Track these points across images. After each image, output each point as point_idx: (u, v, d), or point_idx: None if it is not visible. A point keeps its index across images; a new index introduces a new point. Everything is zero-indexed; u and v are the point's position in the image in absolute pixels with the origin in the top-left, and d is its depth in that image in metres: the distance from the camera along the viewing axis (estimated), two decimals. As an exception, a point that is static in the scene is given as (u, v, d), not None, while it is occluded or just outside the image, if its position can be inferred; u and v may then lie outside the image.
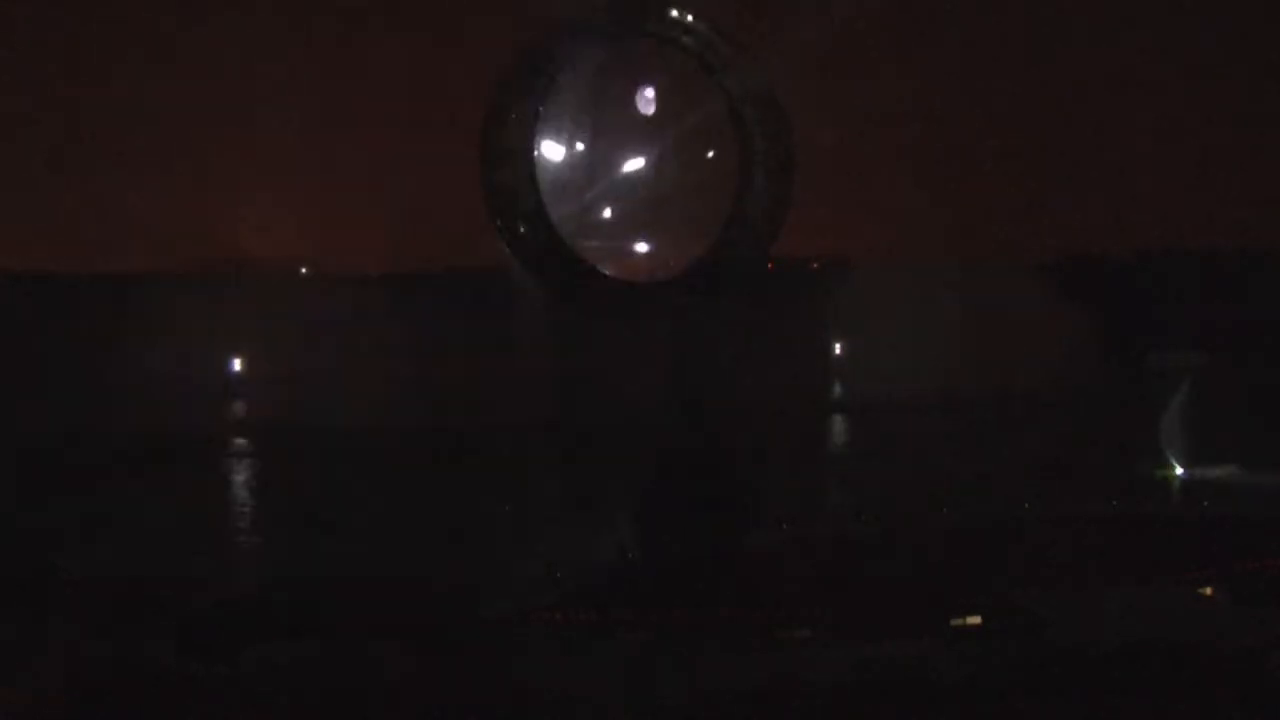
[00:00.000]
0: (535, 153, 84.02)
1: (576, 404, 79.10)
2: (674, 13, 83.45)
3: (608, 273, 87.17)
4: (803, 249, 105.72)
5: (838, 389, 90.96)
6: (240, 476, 64.00)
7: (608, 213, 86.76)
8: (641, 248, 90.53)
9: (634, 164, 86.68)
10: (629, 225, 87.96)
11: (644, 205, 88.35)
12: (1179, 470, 50.68)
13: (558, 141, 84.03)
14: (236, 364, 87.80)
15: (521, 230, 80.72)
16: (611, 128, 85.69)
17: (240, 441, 72.09)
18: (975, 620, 28.34)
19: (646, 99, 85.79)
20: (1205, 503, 44.54)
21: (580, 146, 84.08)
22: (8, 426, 62.71)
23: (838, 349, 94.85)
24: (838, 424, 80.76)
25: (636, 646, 27.79)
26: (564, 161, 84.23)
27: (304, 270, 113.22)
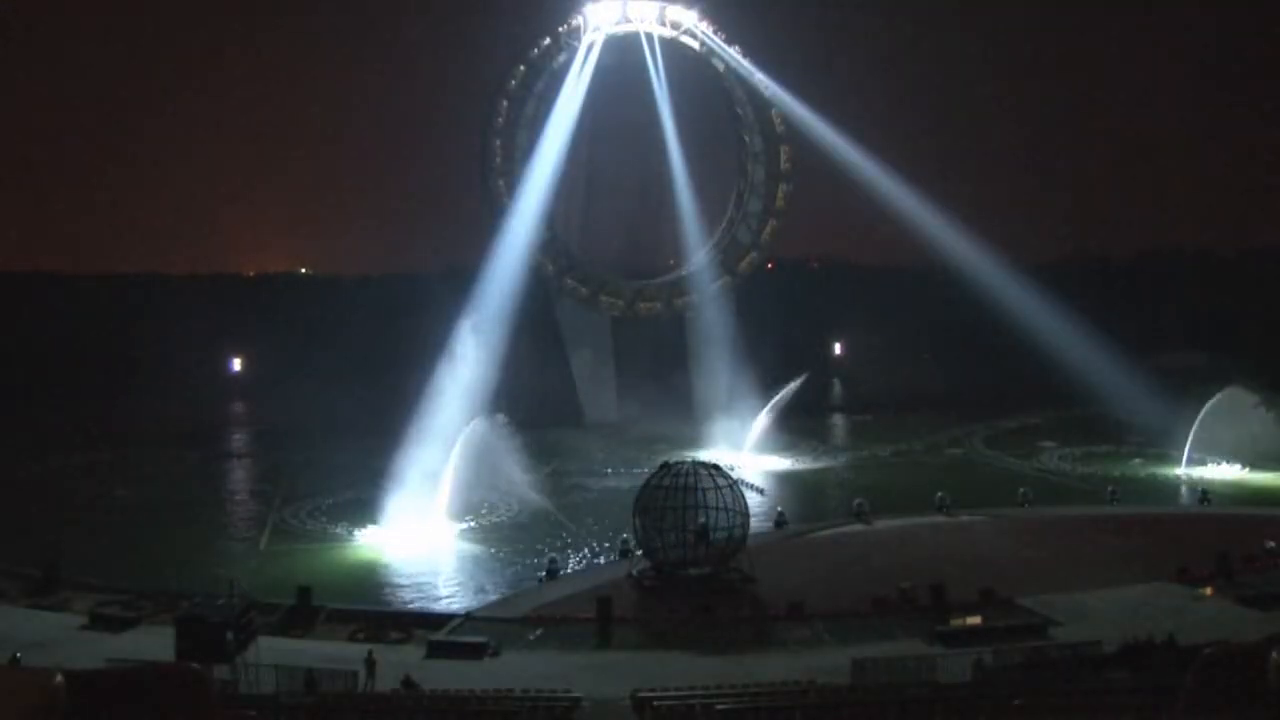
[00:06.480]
0: (535, 155, 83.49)
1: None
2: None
3: (607, 273, 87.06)
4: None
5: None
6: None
7: (608, 213, 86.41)
8: (641, 249, 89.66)
9: (634, 167, 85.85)
10: (629, 226, 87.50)
11: (645, 207, 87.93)
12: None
13: (557, 144, 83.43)
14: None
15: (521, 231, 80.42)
16: (612, 130, 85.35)
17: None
18: (975, 620, 28.34)
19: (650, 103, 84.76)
20: (1205, 503, 44.51)
21: (580, 149, 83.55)
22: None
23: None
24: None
25: (636, 647, 27.81)
26: (564, 163, 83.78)
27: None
